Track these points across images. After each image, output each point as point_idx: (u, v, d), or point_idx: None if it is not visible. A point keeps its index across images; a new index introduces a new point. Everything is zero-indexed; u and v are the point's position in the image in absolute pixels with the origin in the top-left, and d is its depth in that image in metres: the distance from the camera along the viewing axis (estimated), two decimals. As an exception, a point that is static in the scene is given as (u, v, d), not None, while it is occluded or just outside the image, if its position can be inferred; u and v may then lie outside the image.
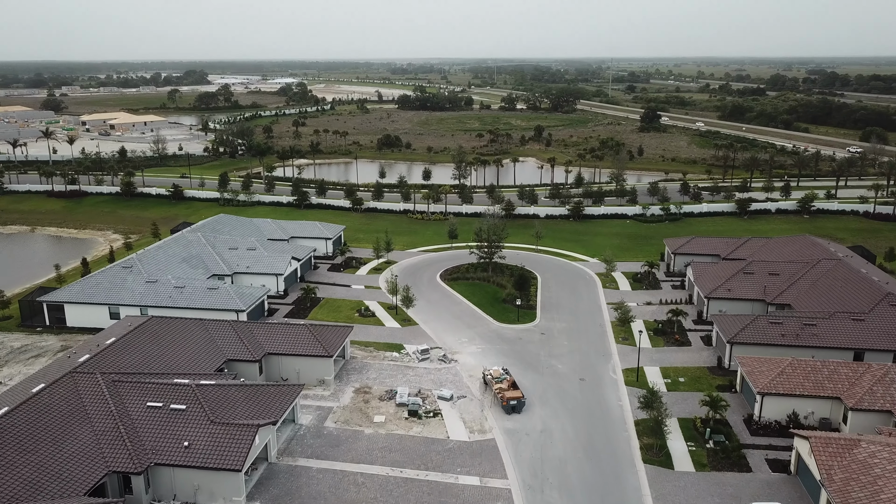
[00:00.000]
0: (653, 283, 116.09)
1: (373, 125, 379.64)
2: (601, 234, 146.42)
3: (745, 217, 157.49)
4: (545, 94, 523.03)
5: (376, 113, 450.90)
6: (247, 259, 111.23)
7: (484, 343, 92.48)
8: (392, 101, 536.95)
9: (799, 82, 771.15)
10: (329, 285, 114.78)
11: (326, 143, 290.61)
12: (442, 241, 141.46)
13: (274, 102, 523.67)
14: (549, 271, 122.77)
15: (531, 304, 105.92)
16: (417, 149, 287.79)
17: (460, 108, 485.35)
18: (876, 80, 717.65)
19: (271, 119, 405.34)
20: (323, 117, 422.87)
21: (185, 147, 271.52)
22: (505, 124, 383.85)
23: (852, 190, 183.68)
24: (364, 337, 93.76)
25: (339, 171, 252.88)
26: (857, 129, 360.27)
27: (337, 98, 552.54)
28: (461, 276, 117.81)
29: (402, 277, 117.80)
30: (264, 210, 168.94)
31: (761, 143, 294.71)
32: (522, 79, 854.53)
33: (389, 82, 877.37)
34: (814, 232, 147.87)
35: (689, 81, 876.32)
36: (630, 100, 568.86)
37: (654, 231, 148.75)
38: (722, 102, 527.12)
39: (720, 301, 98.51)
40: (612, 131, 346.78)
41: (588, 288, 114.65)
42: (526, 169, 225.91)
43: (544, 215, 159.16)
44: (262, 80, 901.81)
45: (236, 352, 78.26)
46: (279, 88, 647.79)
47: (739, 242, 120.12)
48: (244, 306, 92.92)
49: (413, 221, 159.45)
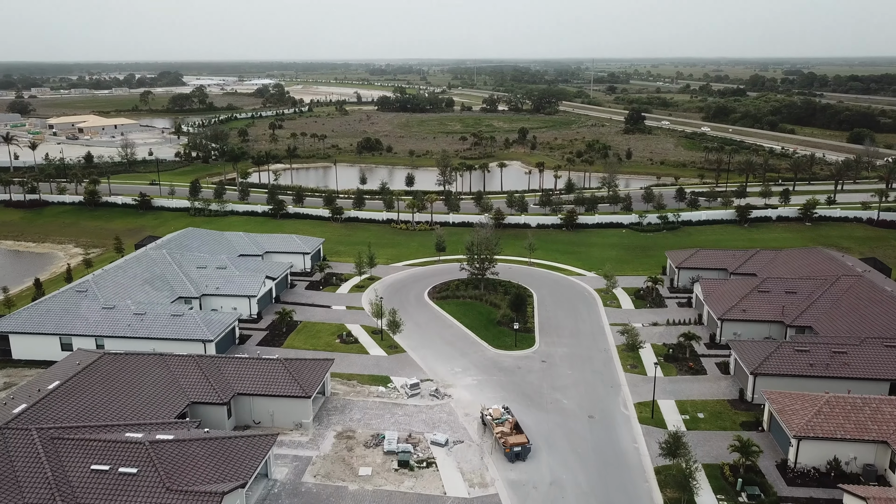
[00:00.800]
0: (657, 300, 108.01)
1: (352, 127, 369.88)
2: (597, 245, 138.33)
3: (745, 225, 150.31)
4: (527, 95, 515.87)
5: (355, 115, 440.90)
6: (216, 279, 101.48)
7: (479, 373, 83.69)
8: (371, 102, 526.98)
9: (777, 83, 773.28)
10: (307, 306, 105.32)
11: (304, 146, 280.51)
12: (429, 254, 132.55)
13: (250, 104, 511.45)
14: (545, 287, 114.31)
15: (528, 326, 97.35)
16: (399, 152, 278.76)
17: (441, 110, 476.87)
18: (854, 81, 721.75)
19: (247, 121, 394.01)
20: (301, 119, 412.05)
21: (157, 152, 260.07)
22: (487, 126, 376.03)
23: (849, 195, 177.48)
24: (346, 368, 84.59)
25: (318, 176, 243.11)
26: (841, 130, 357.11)
27: (315, 100, 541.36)
28: (451, 295, 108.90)
29: (387, 296, 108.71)
30: (238, 221, 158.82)
31: (749, 145, 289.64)
32: (502, 79, 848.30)
33: (368, 83, 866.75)
34: (818, 241, 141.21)
35: (668, 82, 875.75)
36: (612, 100, 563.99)
37: (652, 241, 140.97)
38: (704, 103, 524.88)
39: (734, 323, 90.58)
40: (596, 133, 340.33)
41: (588, 306, 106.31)
42: (513, 174, 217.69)
43: (536, 225, 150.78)
44: (238, 82, 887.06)
45: (201, 393, 68.75)
46: (256, 90, 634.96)
47: (747, 255, 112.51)
48: (212, 335, 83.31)
49: (397, 232, 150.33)
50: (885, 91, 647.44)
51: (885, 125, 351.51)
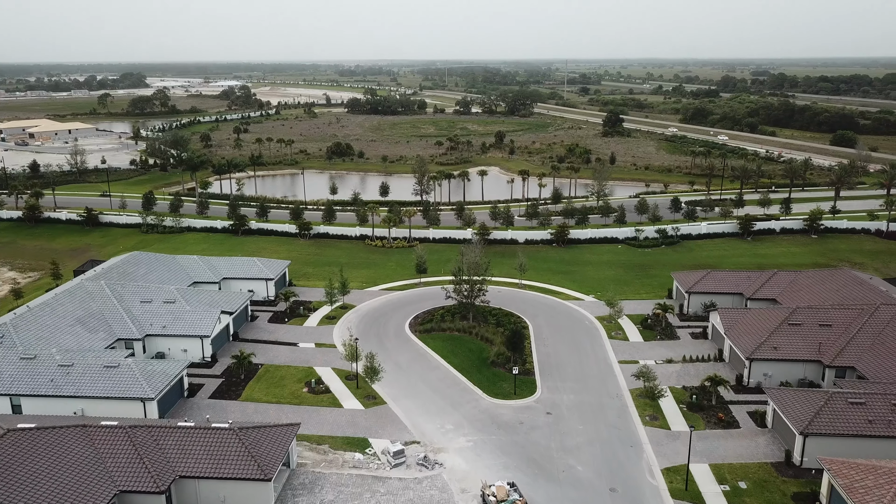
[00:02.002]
0: (667, 330, 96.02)
1: (321, 131, 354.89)
2: (591, 264, 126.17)
3: (748, 238, 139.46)
4: (501, 97, 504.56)
5: (325, 117, 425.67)
6: (163, 316, 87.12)
7: (475, 432, 70.68)
8: (341, 104, 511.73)
9: (748, 83, 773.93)
10: (270, 344, 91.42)
11: (270, 152, 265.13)
12: (408, 276, 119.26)
13: (215, 107, 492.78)
14: (541, 315, 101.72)
15: (527, 366, 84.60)
16: (371, 158, 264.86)
17: (413, 112, 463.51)
18: (823, 82, 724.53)
19: (211, 125, 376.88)
20: (267, 123, 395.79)
21: (112, 159, 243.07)
22: (462, 129, 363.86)
23: (848, 202, 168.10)
24: (316, 426, 71.03)
25: (285, 185, 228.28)
26: (821, 131, 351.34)
27: (283, 102, 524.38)
28: (436, 327, 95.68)
29: (363, 329, 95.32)
30: (195, 238, 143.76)
31: (732, 148, 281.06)
32: (474, 81, 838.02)
33: (338, 85, 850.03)
34: (827, 255, 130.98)
35: (639, 83, 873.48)
36: (586, 102, 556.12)
37: (651, 258, 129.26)
38: (679, 104, 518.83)
39: (765, 363, 78.85)
40: (574, 136, 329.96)
41: (591, 339, 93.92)
42: (494, 182, 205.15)
43: (524, 240, 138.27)
44: (204, 83, 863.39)
45: (133, 479, 54.81)
46: (221, 92, 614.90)
47: (764, 278, 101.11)
48: (153, 392, 69.18)
49: (372, 250, 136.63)
50: (855, 92, 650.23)
51: (864, 127, 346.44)
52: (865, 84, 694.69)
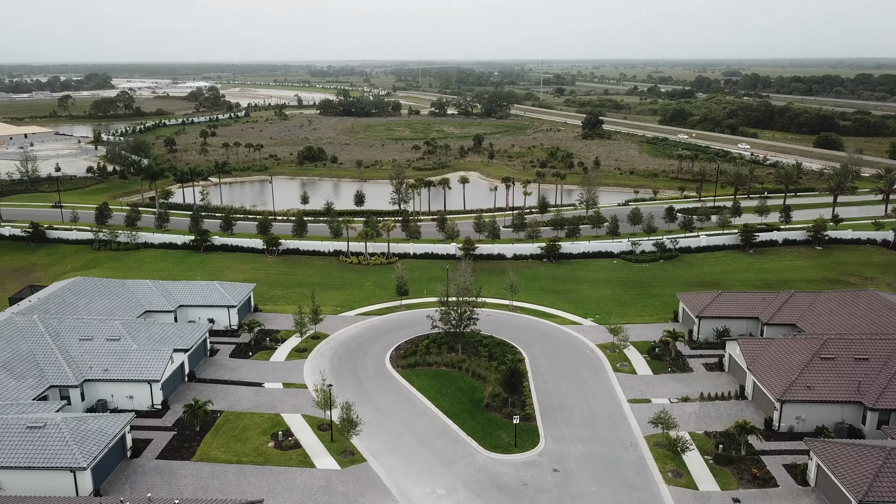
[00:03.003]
0: (678, 361, 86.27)
1: (292, 134, 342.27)
2: (587, 282, 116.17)
3: (750, 251, 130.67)
4: (477, 98, 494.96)
5: (296, 119, 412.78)
6: (106, 356, 75.24)
7: (472, 497, 59.97)
8: (313, 106, 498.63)
9: (721, 84, 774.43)
10: (231, 385, 79.92)
11: (238, 157, 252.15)
12: (387, 297, 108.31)
13: (182, 109, 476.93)
14: (537, 344, 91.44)
15: (527, 409, 74.19)
16: (344, 162, 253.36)
17: (388, 114, 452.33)
18: (797, 82, 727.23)
19: (177, 128, 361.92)
20: (236, 125, 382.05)
21: (68, 166, 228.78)
22: (438, 132, 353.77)
23: (845, 209, 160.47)
24: (283, 495, 59.87)
25: (254, 192, 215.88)
26: (802, 133, 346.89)
27: (252, 103, 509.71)
28: (421, 361, 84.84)
29: (337, 364, 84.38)
30: (152, 256, 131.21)
31: (716, 151, 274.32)
32: (448, 81, 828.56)
33: (310, 85, 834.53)
34: (835, 268, 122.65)
35: (613, 83, 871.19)
36: (562, 103, 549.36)
37: (650, 274, 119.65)
38: (655, 105, 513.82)
39: (798, 405, 69.35)
40: (553, 139, 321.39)
41: (595, 372, 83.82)
42: (475, 189, 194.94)
43: (512, 255, 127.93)
44: (172, 84, 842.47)
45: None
46: (189, 93, 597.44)
47: (781, 300, 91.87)
48: (85, 460, 57.51)
49: (347, 268, 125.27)
50: (828, 92, 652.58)
51: (844, 128, 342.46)
52: (837, 84, 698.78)
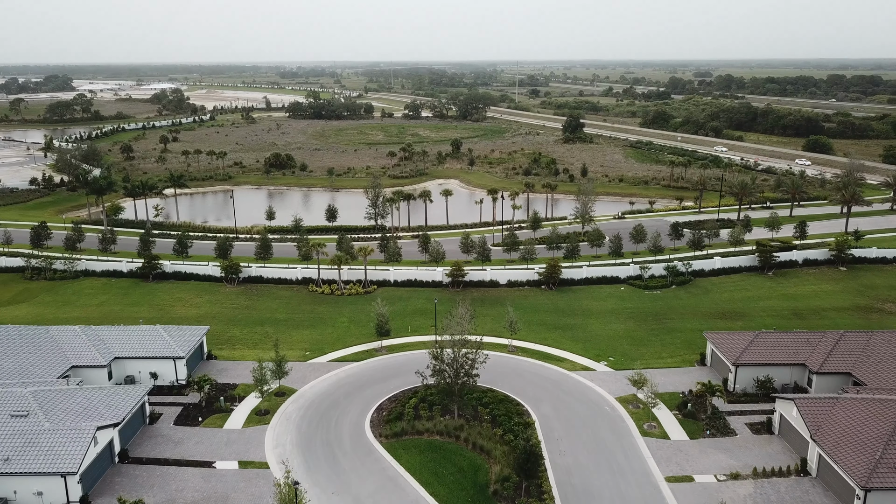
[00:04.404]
0: (715, 420, 72.05)
1: (259, 138, 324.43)
2: (594, 314, 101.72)
3: (770, 273, 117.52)
4: (452, 100, 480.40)
5: (264, 123, 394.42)
6: (8, 440, 58.93)
7: None
8: (282, 108, 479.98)
9: (695, 84, 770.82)
10: (174, 466, 64.06)
11: (199, 166, 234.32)
12: (365, 337, 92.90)
13: (144, 112, 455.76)
14: (545, 398, 76.72)
15: (544, 496, 59.37)
16: (315, 170, 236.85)
17: (360, 117, 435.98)
18: (771, 83, 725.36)
19: (136, 133, 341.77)
20: (200, 129, 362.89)
21: (11, 176, 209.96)
22: (413, 136, 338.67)
23: (857, 221, 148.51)
24: None
25: (217, 204, 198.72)
26: (787, 135, 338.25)
27: (219, 106, 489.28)
28: (409, 428, 69.41)
29: (306, 433, 68.96)
30: (92, 287, 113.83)
31: (704, 155, 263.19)
32: (420, 83, 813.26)
33: (279, 87, 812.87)
34: (865, 294, 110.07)
35: (586, 84, 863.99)
36: (538, 105, 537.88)
37: (663, 304, 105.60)
38: (633, 106, 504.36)
39: (887, 493, 55.59)
40: (534, 143, 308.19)
41: (619, 437, 69.32)
42: (458, 200, 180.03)
43: (507, 282, 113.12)
44: (135, 86, 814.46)
45: None
46: (152, 95, 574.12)
47: (829, 341, 78.35)
48: None
49: (317, 299, 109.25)
50: (802, 93, 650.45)
51: (829, 130, 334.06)
52: (812, 85, 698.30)
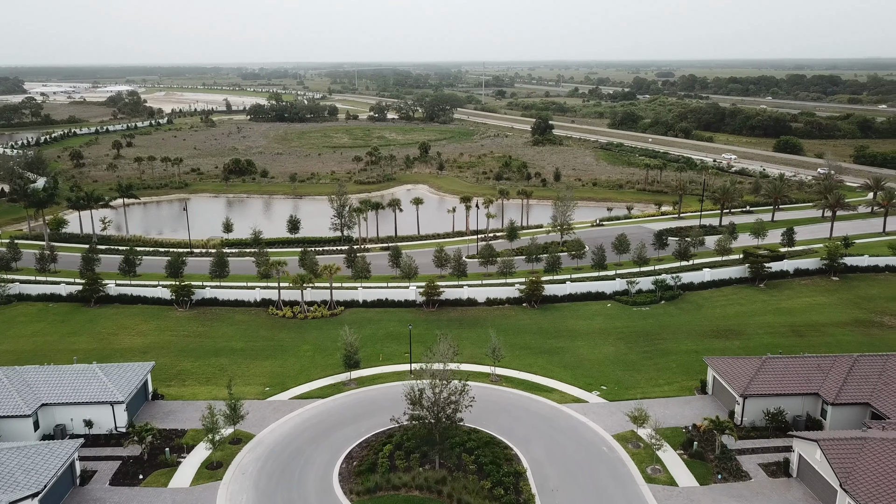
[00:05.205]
0: (726, 461, 64.57)
1: (219, 143, 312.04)
2: (581, 335, 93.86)
3: (762, 285, 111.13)
4: (418, 102, 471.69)
5: (224, 126, 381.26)
6: None
7: None
8: (243, 111, 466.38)
9: (659, 85, 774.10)
10: (107, 540, 54.55)
11: (153, 173, 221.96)
12: (332, 368, 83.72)
13: (99, 116, 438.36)
14: (536, 438, 68.50)
15: (543, 566, 51.22)
16: (277, 176, 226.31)
17: (324, 119, 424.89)
18: (734, 83, 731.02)
19: (89, 138, 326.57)
20: (157, 134, 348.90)
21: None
22: (379, 138, 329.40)
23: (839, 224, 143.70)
24: None
25: (172, 214, 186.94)
26: (755, 136, 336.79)
27: (178, 109, 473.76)
28: (384, 483, 60.01)
29: (266, 491, 59.78)
30: (26, 314, 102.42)
31: (676, 157, 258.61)
32: (385, 84, 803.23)
33: (240, 89, 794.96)
34: (862, 305, 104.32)
35: (551, 84, 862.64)
36: (505, 106, 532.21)
37: (654, 322, 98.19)
38: (599, 107, 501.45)
39: (937, 554, 48.54)
40: (503, 146, 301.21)
41: (621, 484, 61.37)
42: (430, 208, 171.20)
43: (485, 300, 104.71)
44: (91, 89, 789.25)
45: None
46: (108, 98, 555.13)
47: (842, 367, 71.52)
48: None
49: (278, 324, 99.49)
50: (764, 93, 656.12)
51: (797, 130, 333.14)
52: (773, 85, 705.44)
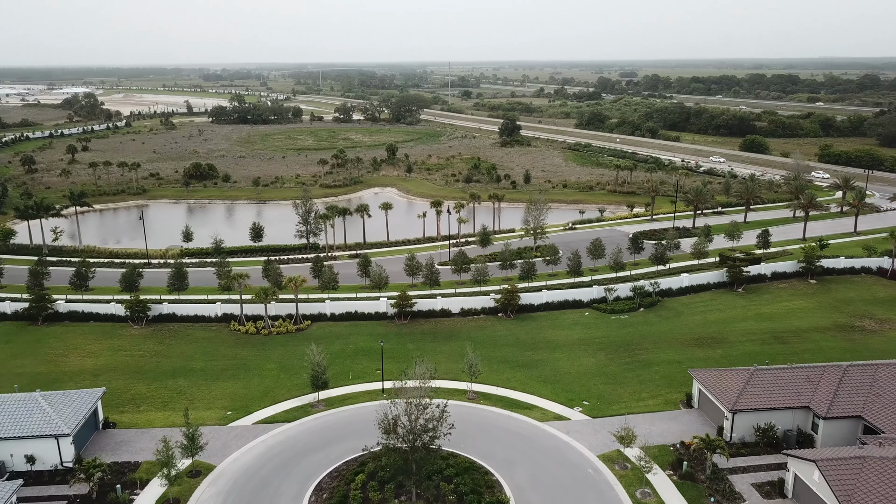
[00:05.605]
0: (717, 482, 61.35)
1: (179, 146, 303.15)
2: (560, 347, 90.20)
3: (740, 290, 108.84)
4: (384, 102, 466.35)
5: (185, 129, 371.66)
6: None
7: None
8: (204, 113, 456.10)
9: (623, 85, 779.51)
10: None
11: (110, 179, 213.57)
12: (298, 388, 78.71)
13: (53, 119, 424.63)
14: (519, 461, 64.50)
15: None
16: (239, 181, 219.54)
17: (288, 121, 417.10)
18: (696, 83, 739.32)
19: (42, 142, 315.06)
20: (115, 137, 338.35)
21: None
22: (345, 140, 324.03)
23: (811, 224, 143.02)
24: None
25: (129, 222, 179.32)
26: (720, 135, 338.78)
27: (137, 111, 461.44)
28: (355, 516, 56.29)
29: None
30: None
31: (644, 157, 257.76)
32: (350, 85, 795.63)
33: (202, 90, 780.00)
34: (841, 309, 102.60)
35: (517, 85, 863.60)
36: (471, 107, 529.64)
37: (633, 330, 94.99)
38: (566, 107, 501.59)
39: (949, 585, 45.67)
40: (471, 147, 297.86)
41: (610, 512, 57.85)
42: (399, 212, 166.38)
43: (459, 310, 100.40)
44: (46, 91, 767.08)
45: None
46: (64, 100, 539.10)
47: (832, 378, 68.87)
48: None
49: (241, 340, 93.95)
50: (726, 92, 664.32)
51: (761, 129, 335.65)
52: (735, 84, 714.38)
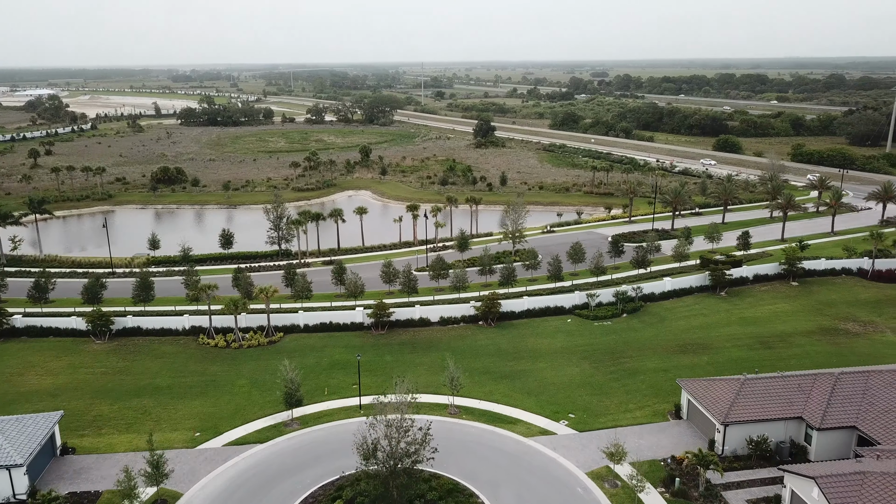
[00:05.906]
0: (712, 501, 58.90)
1: (147, 149, 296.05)
2: (543, 356, 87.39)
3: (723, 294, 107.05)
4: (357, 103, 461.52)
5: (153, 131, 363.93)
6: None
7: None
8: (173, 115, 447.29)
9: (596, 84, 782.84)
10: None
11: (73, 184, 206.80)
12: (271, 406, 74.87)
13: (16, 121, 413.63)
14: (504, 481, 61.39)
15: None
16: (209, 185, 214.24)
17: (259, 122, 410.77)
18: (667, 83, 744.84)
19: (4, 146, 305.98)
20: (80, 140, 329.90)
21: None
22: (318, 142, 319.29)
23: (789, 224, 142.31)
24: None
25: (94, 229, 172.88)
26: (692, 135, 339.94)
27: (103, 114, 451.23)
28: (332, 547, 52.85)
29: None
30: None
31: (619, 158, 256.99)
32: (322, 85, 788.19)
33: (170, 92, 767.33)
34: (824, 312, 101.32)
35: (490, 85, 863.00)
36: (445, 107, 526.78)
37: (617, 337, 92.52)
38: (539, 108, 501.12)
39: None
40: (445, 149, 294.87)
41: (601, 535, 55.04)
42: (374, 216, 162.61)
43: (439, 319, 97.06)
44: (8, 93, 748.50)
45: None
46: (26, 103, 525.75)
47: (824, 386, 66.86)
48: None
49: (210, 355, 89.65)
50: (696, 92, 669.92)
51: (733, 129, 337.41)
52: (705, 84, 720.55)
